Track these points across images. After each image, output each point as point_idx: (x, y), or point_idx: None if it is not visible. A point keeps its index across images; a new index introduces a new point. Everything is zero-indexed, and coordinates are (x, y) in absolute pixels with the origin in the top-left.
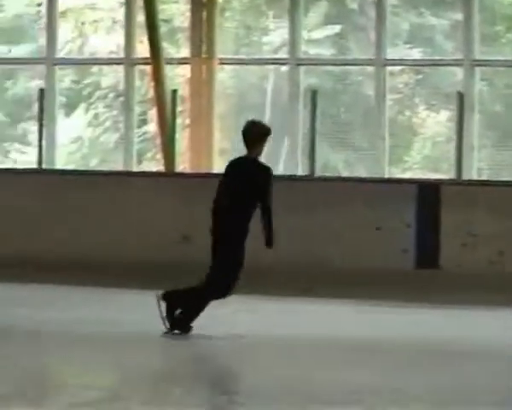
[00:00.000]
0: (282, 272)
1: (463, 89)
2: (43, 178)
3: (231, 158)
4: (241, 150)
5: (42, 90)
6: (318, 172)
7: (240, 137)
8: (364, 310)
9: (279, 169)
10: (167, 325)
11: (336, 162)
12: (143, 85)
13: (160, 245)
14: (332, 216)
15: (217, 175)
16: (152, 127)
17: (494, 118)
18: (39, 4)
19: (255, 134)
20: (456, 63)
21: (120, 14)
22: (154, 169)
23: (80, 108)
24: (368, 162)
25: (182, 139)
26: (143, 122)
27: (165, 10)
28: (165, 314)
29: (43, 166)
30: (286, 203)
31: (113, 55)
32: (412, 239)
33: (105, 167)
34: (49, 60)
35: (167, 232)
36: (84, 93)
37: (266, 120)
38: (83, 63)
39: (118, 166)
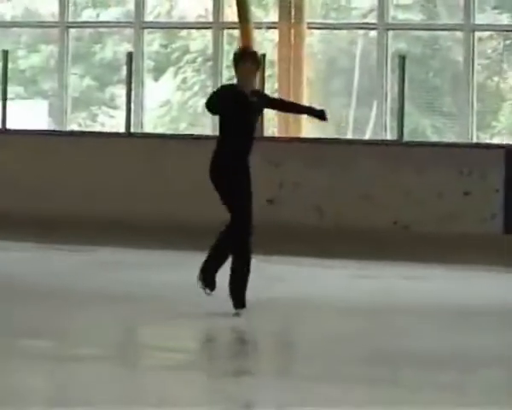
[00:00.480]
0: (366, 238)
1: None
2: (131, 141)
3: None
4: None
5: (130, 54)
6: (406, 137)
7: (328, 101)
8: (452, 275)
9: (367, 134)
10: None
11: (424, 127)
12: (232, 50)
13: None
14: (420, 181)
15: (305, 140)
16: None
17: None
18: None
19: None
20: None
21: None
22: None
23: (169, 72)
24: (456, 127)
25: None
26: None
27: None
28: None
29: (132, 129)
30: (374, 168)
31: (202, 19)
32: (500, 204)
33: (193, 131)
34: (138, 23)
35: (254, 196)
36: (173, 57)
37: (355, 84)
38: (171, 27)
39: (206, 130)
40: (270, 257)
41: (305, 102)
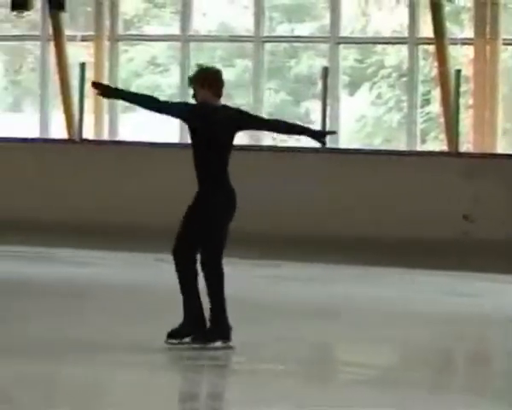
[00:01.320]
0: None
1: None
2: (326, 156)
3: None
4: None
5: (326, 69)
6: None
7: None
8: None
9: None
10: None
11: None
12: (427, 65)
13: (440, 224)
14: None
15: (500, 155)
16: (435, 107)
17: None
18: None
19: None
20: None
21: None
22: (438, 149)
23: (364, 87)
24: None
25: (465, 119)
26: (427, 102)
27: None
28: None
29: (327, 145)
30: None
31: (397, 35)
32: None
33: (388, 147)
34: (333, 38)
35: (449, 211)
36: (368, 72)
37: None
38: (366, 42)
39: (401, 145)
40: (462, 273)
41: (501, 120)
